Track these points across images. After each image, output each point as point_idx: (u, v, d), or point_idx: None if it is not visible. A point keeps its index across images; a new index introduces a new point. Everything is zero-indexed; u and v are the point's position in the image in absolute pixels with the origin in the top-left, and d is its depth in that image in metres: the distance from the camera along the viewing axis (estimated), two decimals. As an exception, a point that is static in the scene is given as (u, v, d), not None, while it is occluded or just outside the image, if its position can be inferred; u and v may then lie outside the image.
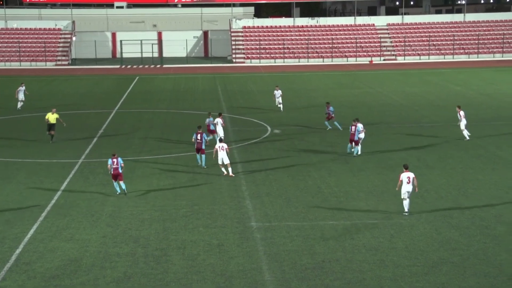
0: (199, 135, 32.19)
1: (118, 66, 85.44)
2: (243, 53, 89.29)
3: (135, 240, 22.77)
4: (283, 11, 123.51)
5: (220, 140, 31.82)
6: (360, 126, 34.85)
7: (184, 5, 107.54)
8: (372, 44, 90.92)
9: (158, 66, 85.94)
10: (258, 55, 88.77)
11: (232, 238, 22.96)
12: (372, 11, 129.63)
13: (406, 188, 25.01)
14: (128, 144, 38.21)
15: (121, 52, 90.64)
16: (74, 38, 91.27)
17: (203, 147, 32.30)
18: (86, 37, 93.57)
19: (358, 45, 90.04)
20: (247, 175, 31.30)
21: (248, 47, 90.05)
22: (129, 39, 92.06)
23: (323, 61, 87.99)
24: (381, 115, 47.76)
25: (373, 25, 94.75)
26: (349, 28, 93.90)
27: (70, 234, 23.39)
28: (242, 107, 52.05)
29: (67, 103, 53.73)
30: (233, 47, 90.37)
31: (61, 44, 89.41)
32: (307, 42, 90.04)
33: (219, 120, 37.08)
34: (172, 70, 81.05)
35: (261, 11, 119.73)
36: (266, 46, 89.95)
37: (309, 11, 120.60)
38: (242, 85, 65.88)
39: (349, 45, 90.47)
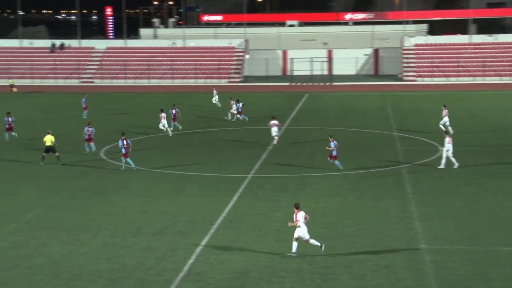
0: (125, 141, 35.95)
1: (288, 84, 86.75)
2: (415, 71, 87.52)
3: (302, 256, 22.84)
4: (458, 28, 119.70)
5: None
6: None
7: (355, 23, 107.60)
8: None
9: (328, 83, 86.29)
10: (431, 73, 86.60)
11: (400, 259, 22.40)
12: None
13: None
14: (295, 161, 38.54)
15: (292, 70, 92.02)
16: (247, 56, 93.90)
17: (123, 151, 36.06)
18: (258, 55, 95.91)
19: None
20: (416, 196, 30.48)
21: (420, 65, 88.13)
22: (299, 56, 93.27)
23: (501, 80, 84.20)
24: None
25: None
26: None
27: (239, 247, 23.88)
28: (413, 126, 50.90)
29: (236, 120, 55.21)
30: (404, 64, 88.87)
31: (234, 62, 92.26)
32: (484, 59, 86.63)
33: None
34: (341, 88, 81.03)
35: (434, 28, 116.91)
36: (439, 64, 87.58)
37: (487, 27, 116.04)
38: (413, 104, 64.52)
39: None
